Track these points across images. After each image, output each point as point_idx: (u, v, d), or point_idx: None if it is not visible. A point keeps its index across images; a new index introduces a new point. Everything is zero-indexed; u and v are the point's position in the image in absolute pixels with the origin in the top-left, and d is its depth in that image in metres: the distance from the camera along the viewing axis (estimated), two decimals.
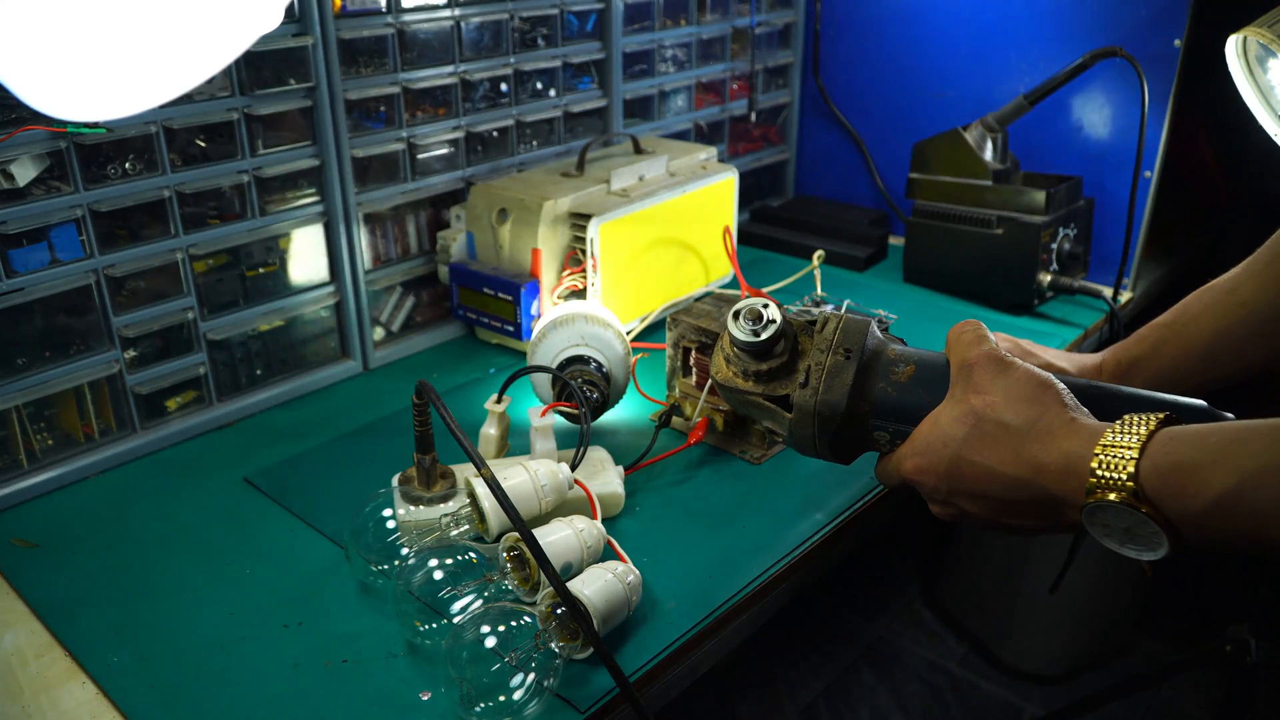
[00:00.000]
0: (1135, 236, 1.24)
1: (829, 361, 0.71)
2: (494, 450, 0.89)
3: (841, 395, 0.70)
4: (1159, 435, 0.57)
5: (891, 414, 0.71)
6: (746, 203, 1.53)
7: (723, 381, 0.77)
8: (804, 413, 0.71)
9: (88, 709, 0.65)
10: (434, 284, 1.16)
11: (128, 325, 0.90)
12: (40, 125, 0.79)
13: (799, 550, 0.79)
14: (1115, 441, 0.58)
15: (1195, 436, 0.56)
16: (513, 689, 0.61)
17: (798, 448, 0.75)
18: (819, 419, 0.71)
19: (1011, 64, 1.33)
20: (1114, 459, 0.57)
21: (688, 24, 1.37)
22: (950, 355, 0.70)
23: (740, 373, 0.76)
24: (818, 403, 0.70)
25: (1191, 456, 0.55)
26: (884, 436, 0.72)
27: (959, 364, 0.68)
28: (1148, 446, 0.57)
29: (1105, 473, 0.57)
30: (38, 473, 0.87)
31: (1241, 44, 0.95)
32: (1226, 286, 0.80)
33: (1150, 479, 0.56)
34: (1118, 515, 0.57)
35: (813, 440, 0.72)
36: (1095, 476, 0.57)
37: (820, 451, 0.73)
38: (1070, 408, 0.63)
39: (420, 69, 1.07)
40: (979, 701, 1.72)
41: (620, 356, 0.93)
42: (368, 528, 0.74)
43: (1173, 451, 0.56)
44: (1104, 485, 0.57)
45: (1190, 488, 0.55)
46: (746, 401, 0.76)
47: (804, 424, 0.72)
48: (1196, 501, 0.54)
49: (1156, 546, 0.57)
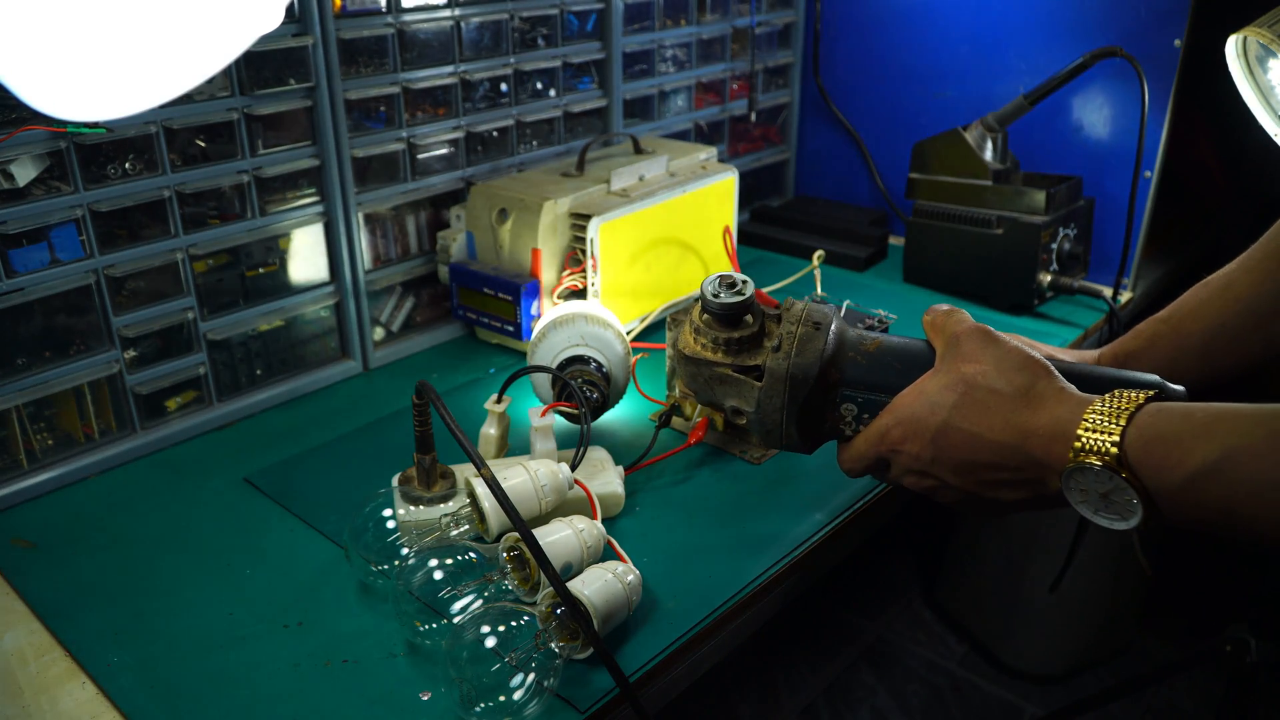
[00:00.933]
0: (1135, 236, 1.24)
1: (800, 331, 0.73)
2: (494, 450, 0.89)
3: (814, 359, 0.71)
4: (1147, 407, 0.59)
5: (861, 382, 0.72)
6: (746, 203, 1.53)
7: (690, 354, 0.77)
8: (775, 378, 0.72)
9: (88, 709, 0.65)
10: (434, 284, 1.16)
11: (128, 325, 0.90)
12: (40, 125, 0.79)
13: (799, 550, 0.79)
14: (1103, 409, 0.60)
15: (1183, 411, 0.58)
16: (513, 689, 0.61)
17: (763, 427, 0.74)
18: (791, 383, 0.72)
19: (1011, 64, 1.33)
20: (1100, 425, 0.59)
21: (688, 24, 1.37)
22: (931, 335, 0.72)
23: (710, 343, 0.76)
24: (790, 365, 0.72)
25: (1176, 428, 0.57)
26: (851, 410, 0.73)
27: (947, 338, 0.69)
28: (1135, 416, 0.59)
29: (1091, 436, 0.59)
30: (38, 473, 0.87)
31: (1241, 44, 0.95)
32: (1222, 282, 0.80)
33: (1134, 447, 0.58)
34: (1097, 479, 0.59)
35: (781, 411, 0.72)
36: (1080, 440, 0.60)
37: (786, 428, 0.73)
38: (1059, 377, 0.65)
39: (420, 69, 1.07)
40: (979, 701, 1.72)
41: (620, 356, 0.93)
42: (368, 528, 0.74)
43: (1158, 423, 0.58)
44: (1088, 449, 0.59)
45: (1171, 458, 0.56)
46: (714, 376, 0.76)
47: (774, 391, 0.72)
48: (1176, 473, 0.56)
49: (1130, 515, 0.59)
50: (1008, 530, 1.67)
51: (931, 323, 0.73)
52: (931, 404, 0.67)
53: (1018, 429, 0.64)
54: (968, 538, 1.79)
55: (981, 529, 1.74)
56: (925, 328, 0.74)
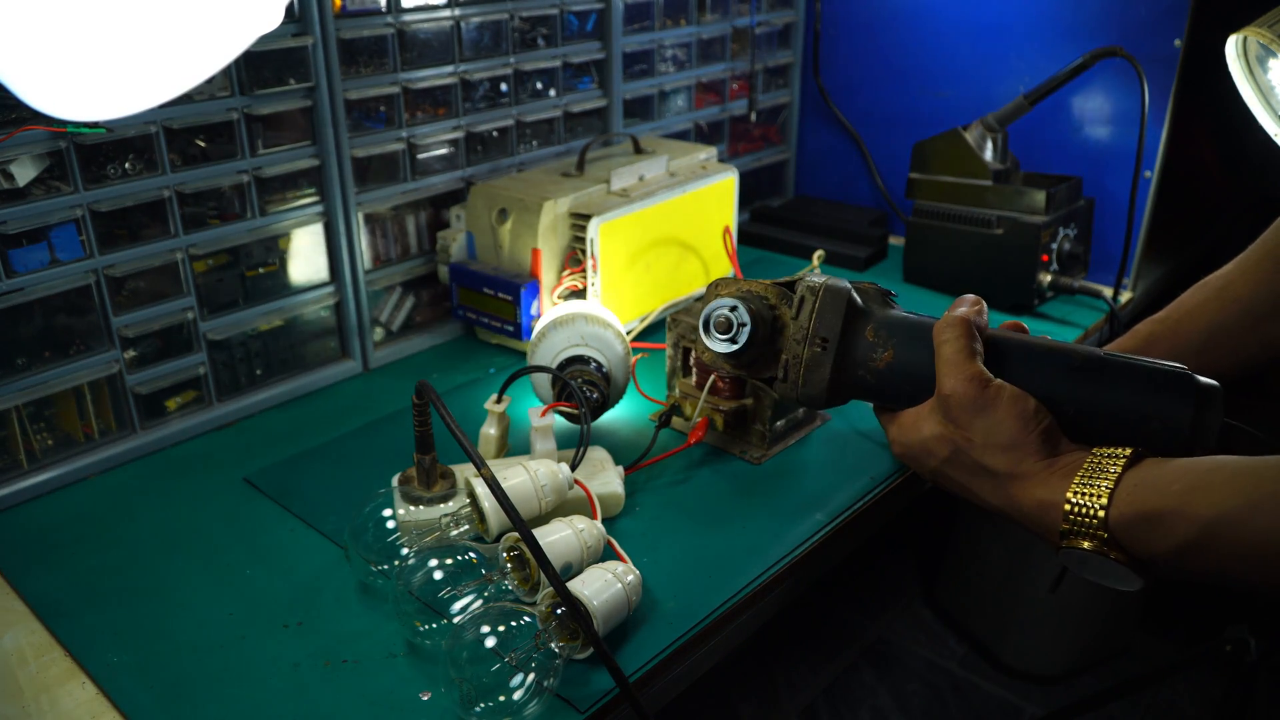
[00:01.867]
0: (1135, 236, 1.24)
1: (805, 355, 0.74)
2: (494, 450, 0.89)
3: (820, 389, 0.74)
4: (1125, 480, 0.60)
5: (872, 395, 0.75)
6: (746, 203, 1.53)
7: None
8: (788, 399, 0.77)
9: (88, 709, 0.65)
10: (434, 284, 1.16)
11: (128, 325, 0.90)
12: (40, 125, 0.79)
13: (799, 550, 0.79)
14: (1085, 488, 0.61)
15: (1159, 481, 0.59)
16: (513, 689, 0.61)
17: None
18: (802, 403, 0.77)
19: (1011, 64, 1.33)
20: (1084, 508, 0.60)
21: (688, 24, 1.37)
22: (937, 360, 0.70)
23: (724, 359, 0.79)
24: (799, 395, 0.75)
25: (1156, 503, 0.58)
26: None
27: (940, 386, 0.68)
28: (1115, 493, 0.59)
29: (1077, 520, 0.60)
30: (38, 473, 0.87)
31: (1241, 44, 0.95)
32: (1219, 283, 0.81)
33: (1119, 526, 0.59)
34: (1090, 558, 0.61)
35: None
36: (1068, 522, 0.61)
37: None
38: (1044, 451, 0.65)
39: (420, 69, 1.07)
40: (979, 701, 1.72)
41: (620, 356, 0.93)
42: (368, 528, 0.74)
43: (1137, 500, 0.59)
44: (1076, 533, 0.61)
45: (1155, 535, 0.58)
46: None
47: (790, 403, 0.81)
48: (1162, 546, 0.57)
49: (1131, 582, 0.61)
50: (1008, 530, 1.67)
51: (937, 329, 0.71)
52: (925, 448, 0.70)
53: (1004, 501, 0.66)
54: (968, 538, 1.79)
55: (981, 529, 1.74)
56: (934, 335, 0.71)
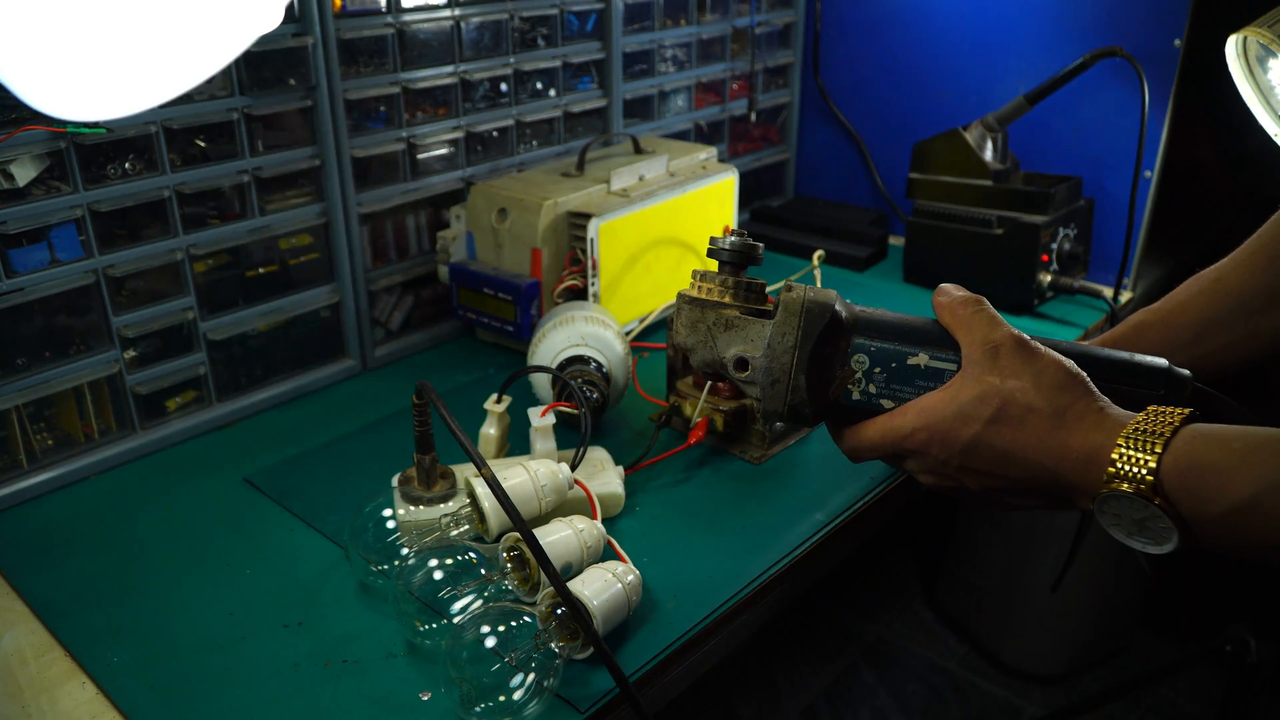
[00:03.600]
0: (1135, 236, 1.24)
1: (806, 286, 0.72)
2: (494, 450, 0.89)
3: (830, 298, 0.70)
4: (1183, 432, 0.57)
5: (874, 327, 0.70)
6: (746, 203, 1.53)
7: (693, 297, 0.74)
8: (790, 311, 0.70)
9: (88, 709, 0.65)
10: (434, 284, 1.16)
11: (128, 325, 0.90)
12: (40, 125, 0.79)
13: (799, 550, 0.79)
14: (1140, 433, 0.58)
15: (1219, 438, 0.56)
16: (513, 689, 0.61)
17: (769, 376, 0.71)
18: (806, 316, 0.69)
19: (1011, 64, 1.33)
20: (1137, 452, 0.58)
21: (688, 24, 1.37)
22: (952, 325, 0.68)
23: (716, 286, 0.74)
24: (805, 300, 0.70)
25: (1213, 458, 0.56)
26: (862, 364, 0.70)
27: (982, 344, 0.66)
28: (1171, 442, 0.57)
29: (1126, 465, 0.58)
30: (38, 473, 0.87)
31: (1241, 44, 0.95)
32: (1213, 275, 0.81)
33: (1170, 475, 0.56)
34: (1131, 506, 0.58)
35: (792, 353, 0.70)
36: (1115, 466, 0.58)
37: (795, 376, 0.70)
38: (1098, 396, 0.63)
39: (420, 69, 1.07)
40: (979, 701, 1.72)
41: (620, 356, 0.93)
42: (368, 528, 0.74)
43: (1195, 451, 0.56)
44: (1122, 476, 0.58)
45: (1208, 489, 0.55)
46: (719, 320, 0.73)
47: (787, 328, 0.70)
48: (1213, 505, 0.55)
49: (1164, 541, 0.58)
50: (1008, 530, 1.67)
51: (950, 311, 0.69)
52: (964, 415, 0.65)
53: (1052, 450, 0.62)
54: (968, 538, 1.79)
55: (981, 529, 1.74)
56: (940, 312, 0.70)
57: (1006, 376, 0.64)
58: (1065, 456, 0.61)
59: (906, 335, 0.70)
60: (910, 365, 0.69)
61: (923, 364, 0.69)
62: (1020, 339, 0.66)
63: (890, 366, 0.70)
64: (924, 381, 0.69)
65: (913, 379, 0.69)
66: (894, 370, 0.70)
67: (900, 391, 0.70)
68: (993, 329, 0.67)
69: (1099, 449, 0.60)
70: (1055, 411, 0.62)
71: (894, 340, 0.70)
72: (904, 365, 0.69)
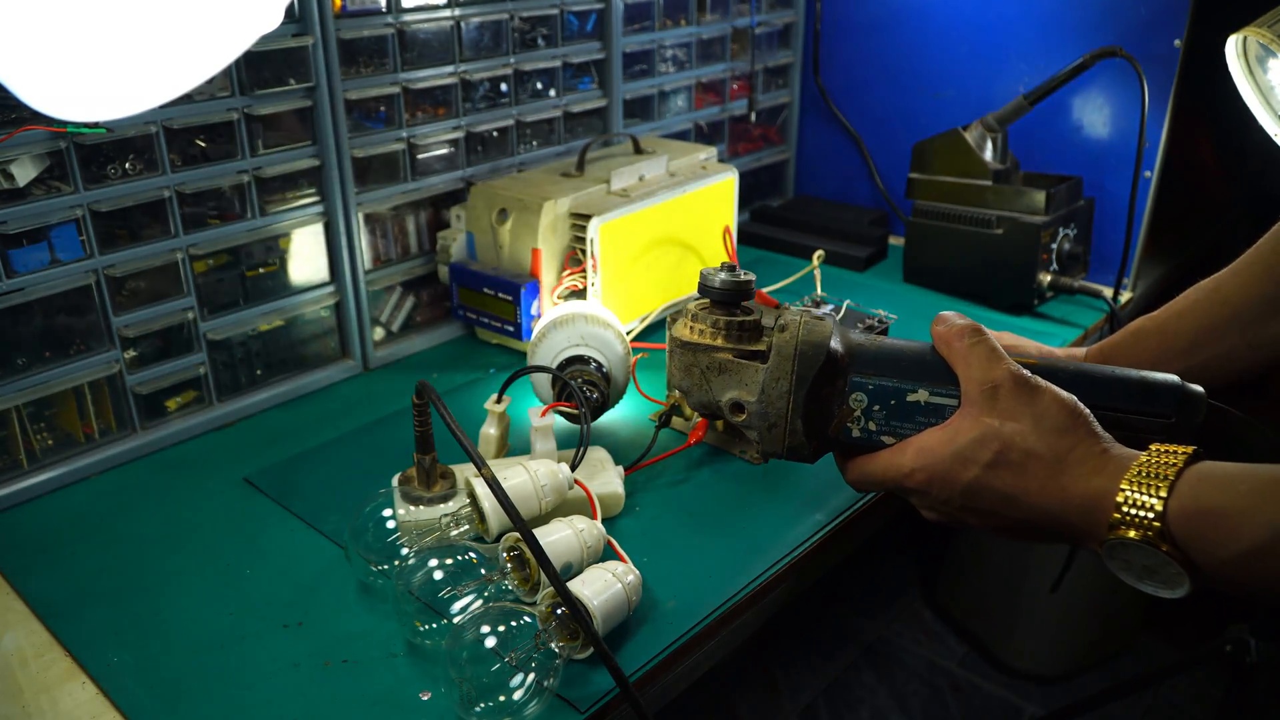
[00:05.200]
0: (1135, 236, 1.24)
1: (803, 318, 0.69)
2: (494, 450, 0.89)
3: (823, 338, 0.68)
4: (1187, 474, 0.56)
5: (871, 366, 0.68)
6: (746, 203, 1.53)
7: (686, 341, 0.72)
8: (783, 356, 0.68)
9: (88, 709, 0.65)
10: (434, 284, 1.16)
11: (128, 325, 0.90)
12: (40, 125, 0.79)
13: (799, 550, 0.79)
14: (1143, 477, 0.57)
15: (1225, 481, 0.55)
16: (512, 689, 0.61)
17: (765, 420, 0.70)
18: (800, 361, 0.68)
19: (1011, 64, 1.33)
20: (1141, 495, 0.56)
21: (688, 24, 1.37)
22: (950, 357, 0.67)
23: (708, 328, 0.71)
24: (799, 343, 0.68)
25: (1220, 502, 0.54)
26: (860, 402, 0.69)
27: (980, 383, 0.64)
28: (1176, 486, 0.55)
29: (1131, 510, 0.56)
30: (38, 473, 0.87)
31: (1241, 44, 0.95)
32: (1211, 285, 0.80)
33: (1177, 520, 0.55)
34: (1139, 552, 0.56)
35: (787, 397, 0.68)
36: (1120, 512, 0.57)
37: (791, 420, 0.69)
38: (1100, 437, 0.61)
39: (420, 69, 1.07)
40: (979, 701, 1.72)
41: (620, 356, 0.93)
42: (368, 528, 0.74)
43: (1201, 495, 0.55)
44: (1128, 522, 0.56)
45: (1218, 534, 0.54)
46: (712, 365, 0.71)
47: (781, 373, 0.68)
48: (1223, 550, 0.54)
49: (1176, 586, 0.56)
50: None
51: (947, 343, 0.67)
52: (963, 458, 0.63)
53: (1054, 496, 0.61)
54: (968, 538, 1.79)
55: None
56: (937, 343, 0.68)
57: (1005, 419, 0.63)
58: (1068, 502, 0.60)
59: (905, 370, 0.68)
60: (910, 402, 0.68)
61: (922, 400, 0.67)
62: (1019, 377, 0.64)
63: (889, 404, 0.68)
64: (924, 417, 0.67)
65: (913, 415, 0.68)
66: (893, 407, 0.68)
67: (901, 428, 0.68)
68: (991, 366, 0.64)
69: (1102, 494, 0.58)
70: (1056, 456, 0.61)
71: (892, 376, 0.68)
72: (903, 402, 0.68)
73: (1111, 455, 0.60)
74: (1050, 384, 0.64)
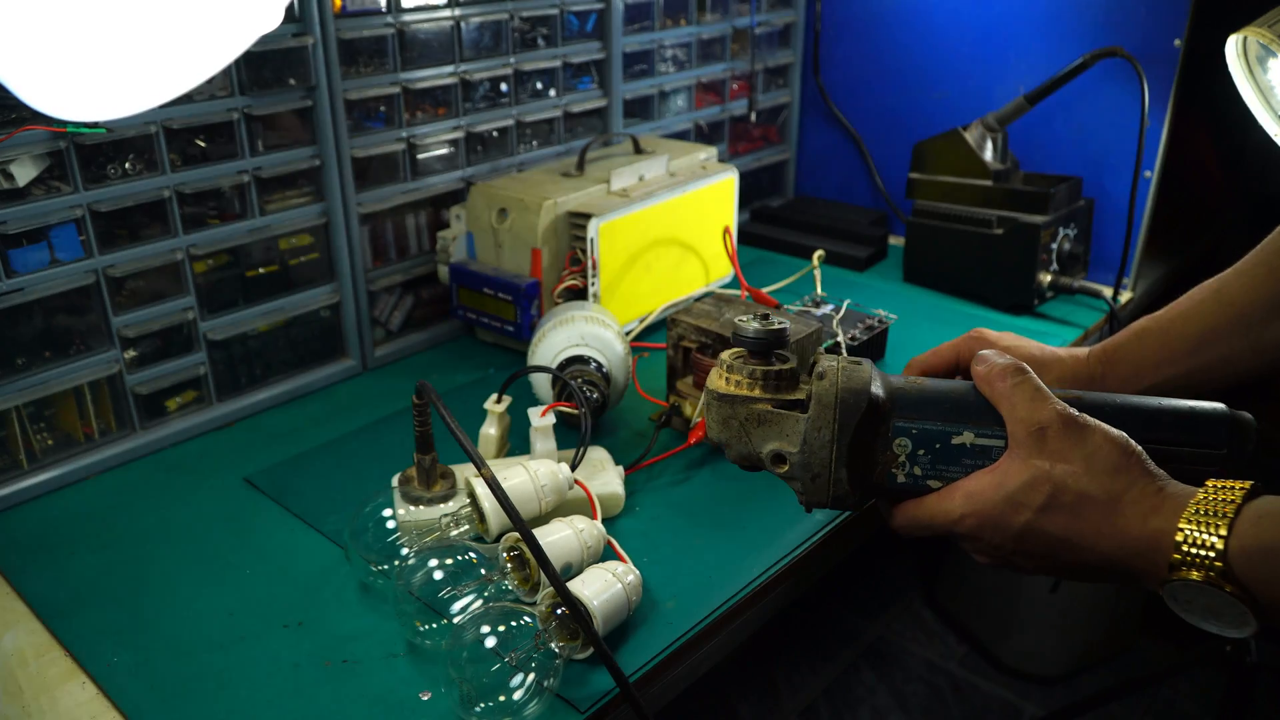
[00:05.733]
0: (1135, 236, 1.24)
1: (841, 364, 0.67)
2: (494, 450, 0.89)
3: (864, 384, 0.65)
4: (1247, 512, 0.55)
5: (914, 410, 0.66)
6: (746, 203, 1.53)
7: (723, 393, 0.69)
8: (823, 405, 0.66)
9: (88, 709, 0.65)
10: (434, 284, 1.16)
11: (128, 325, 0.90)
12: (40, 125, 0.79)
13: (799, 550, 0.79)
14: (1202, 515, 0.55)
15: None
16: (512, 689, 0.61)
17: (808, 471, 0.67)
18: (842, 409, 0.65)
19: (1011, 64, 1.33)
20: (1201, 533, 0.55)
21: (688, 24, 1.37)
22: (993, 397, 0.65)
23: (745, 378, 0.69)
24: (840, 390, 0.65)
25: None
26: (905, 447, 0.66)
27: (1027, 421, 0.62)
28: (1236, 523, 0.54)
29: (1191, 550, 0.55)
30: (38, 473, 0.87)
31: (1241, 44, 0.95)
32: (1215, 286, 0.79)
33: (1239, 559, 0.54)
34: (1201, 593, 0.55)
35: (830, 446, 0.66)
36: (1180, 553, 0.55)
37: (835, 469, 0.67)
38: (1155, 475, 0.60)
39: (420, 69, 1.07)
40: (979, 701, 1.72)
41: (620, 356, 0.93)
42: (368, 528, 0.74)
43: (1263, 532, 0.54)
44: (1189, 563, 0.55)
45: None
46: (751, 416, 0.69)
47: (822, 422, 0.66)
48: None
49: (1243, 625, 0.55)
50: None
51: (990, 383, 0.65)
52: (1014, 502, 0.61)
53: (1111, 538, 0.59)
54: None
55: None
56: (979, 383, 0.66)
57: (1056, 460, 0.60)
58: (1125, 544, 0.58)
59: (948, 412, 0.66)
60: (955, 445, 0.66)
61: (968, 442, 0.65)
62: (1067, 417, 0.62)
63: (934, 448, 0.66)
64: (971, 460, 0.65)
65: (959, 458, 0.66)
66: (938, 451, 0.66)
67: (947, 471, 0.66)
68: (1037, 407, 0.62)
69: (1161, 534, 0.56)
70: (1111, 497, 0.59)
71: (936, 419, 0.66)
72: (948, 445, 0.66)
73: (1167, 494, 0.58)
74: (1099, 421, 0.62)
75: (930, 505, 0.66)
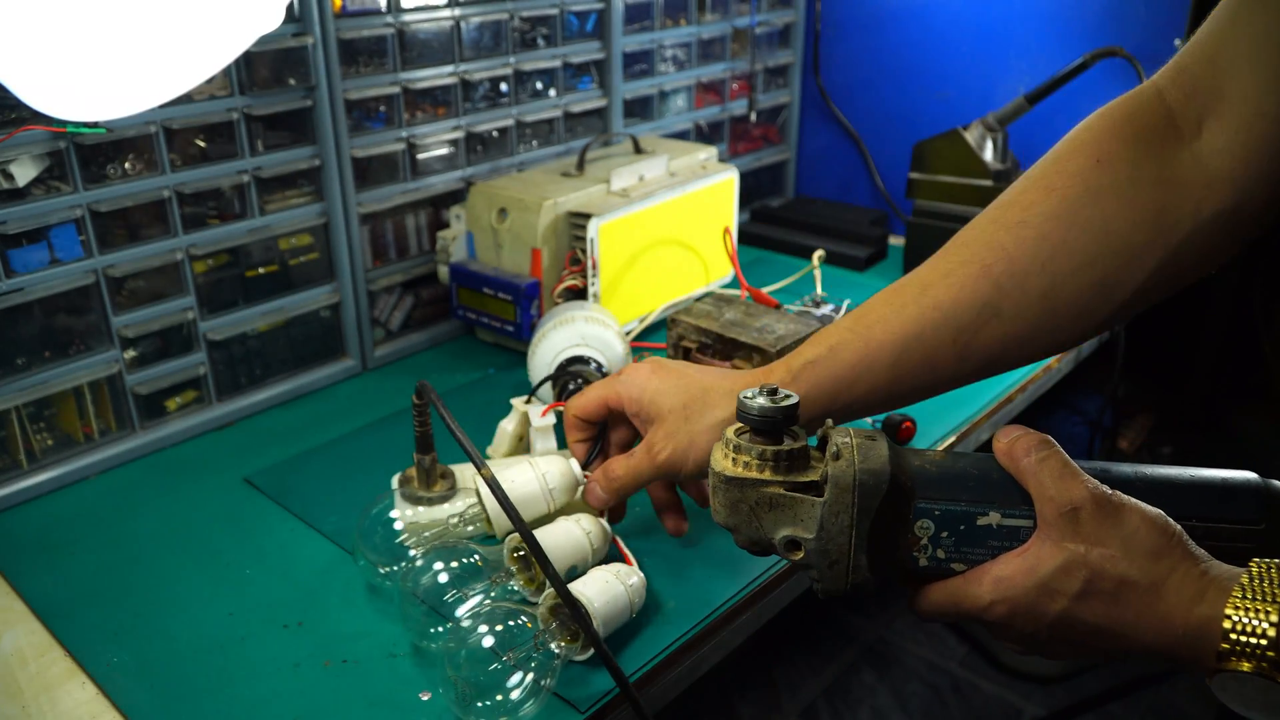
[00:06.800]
0: None
1: (857, 441, 0.62)
2: (508, 447, 0.88)
3: (883, 463, 0.61)
4: None
5: (935, 486, 0.62)
6: (746, 203, 1.53)
7: (731, 476, 0.63)
8: (841, 488, 0.61)
9: (88, 709, 0.65)
10: (434, 284, 1.16)
11: (128, 325, 0.90)
12: (40, 125, 0.79)
13: None
14: (1249, 600, 0.52)
15: None
16: (509, 688, 0.61)
17: (826, 558, 0.63)
18: (860, 492, 0.61)
19: (1011, 64, 1.33)
20: (1251, 622, 0.52)
21: (688, 24, 1.37)
22: (1025, 480, 0.60)
23: (753, 460, 0.63)
24: (857, 472, 0.60)
25: None
26: (928, 529, 0.62)
27: (1057, 501, 0.58)
28: None
29: (1241, 638, 0.52)
30: (38, 473, 0.87)
31: None
32: (916, 285, 0.69)
33: None
34: (1254, 685, 0.52)
35: (849, 531, 0.62)
36: (1229, 642, 0.52)
37: (855, 555, 0.62)
38: (1199, 558, 0.56)
39: (420, 69, 1.07)
40: (979, 701, 1.72)
41: (620, 356, 0.93)
42: (376, 529, 0.74)
43: None
44: (1238, 652, 0.52)
45: None
46: (761, 500, 0.64)
47: (840, 506, 0.61)
48: None
49: None
50: None
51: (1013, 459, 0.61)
52: (1048, 589, 0.57)
53: (1154, 627, 0.55)
54: None
55: None
56: (1001, 459, 0.62)
57: (1092, 544, 0.57)
58: (1169, 633, 0.55)
59: (972, 491, 0.62)
60: (981, 525, 0.61)
61: (995, 524, 0.61)
62: (1100, 497, 0.57)
63: (959, 529, 0.62)
64: (997, 541, 0.61)
65: (984, 540, 0.62)
66: (963, 533, 0.62)
67: (972, 554, 0.62)
68: (1067, 485, 0.58)
69: (1208, 622, 0.53)
70: (1153, 583, 0.55)
71: (959, 499, 0.62)
72: (973, 526, 0.61)
73: (1212, 577, 0.55)
74: (1134, 500, 0.58)
75: (957, 590, 0.61)
